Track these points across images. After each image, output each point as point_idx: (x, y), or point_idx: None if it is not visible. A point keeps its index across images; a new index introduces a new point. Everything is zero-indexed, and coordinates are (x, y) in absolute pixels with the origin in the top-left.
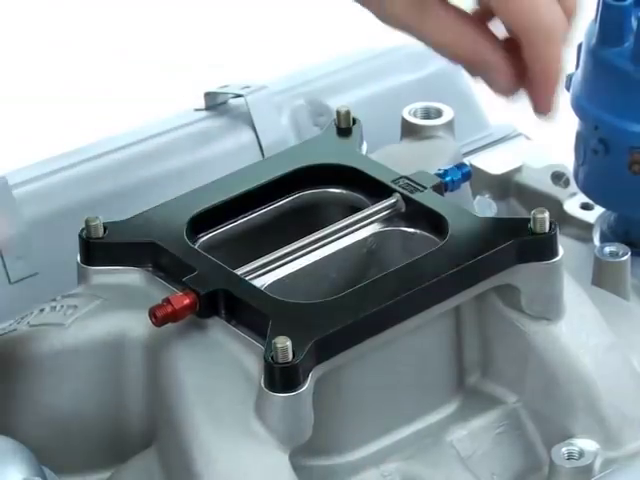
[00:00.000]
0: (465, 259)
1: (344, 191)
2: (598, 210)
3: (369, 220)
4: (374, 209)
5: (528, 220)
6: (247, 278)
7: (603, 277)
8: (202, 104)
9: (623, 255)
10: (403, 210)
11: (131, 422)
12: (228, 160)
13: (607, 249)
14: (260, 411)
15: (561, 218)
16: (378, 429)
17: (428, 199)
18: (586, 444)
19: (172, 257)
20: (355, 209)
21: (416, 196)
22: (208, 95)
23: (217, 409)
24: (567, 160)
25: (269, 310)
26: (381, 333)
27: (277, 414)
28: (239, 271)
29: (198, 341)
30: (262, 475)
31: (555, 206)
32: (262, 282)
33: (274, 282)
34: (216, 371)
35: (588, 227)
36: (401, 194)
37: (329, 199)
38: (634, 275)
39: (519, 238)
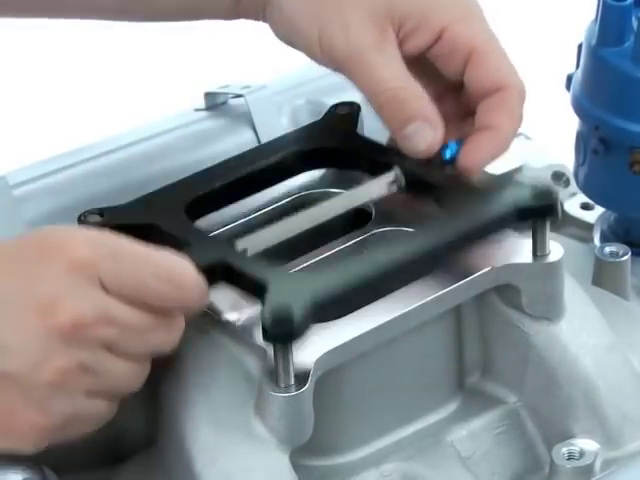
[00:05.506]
0: (465, 219)
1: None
2: (598, 210)
3: (369, 194)
4: (374, 182)
5: (530, 185)
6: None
7: (603, 277)
8: (202, 104)
9: (623, 255)
10: (403, 184)
11: (131, 422)
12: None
13: (607, 249)
14: (260, 411)
15: (561, 218)
16: (378, 429)
17: (428, 172)
18: (586, 444)
19: (170, 236)
20: (356, 209)
21: (416, 170)
22: (208, 95)
23: (217, 409)
24: (567, 160)
25: (267, 277)
26: (381, 299)
27: (277, 414)
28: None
29: (198, 341)
30: (262, 475)
31: None
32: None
33: None
34: (216, 371)
35: (588, 227)
36: (400, 168)
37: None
38: (634, 275)
39: (521, 198)
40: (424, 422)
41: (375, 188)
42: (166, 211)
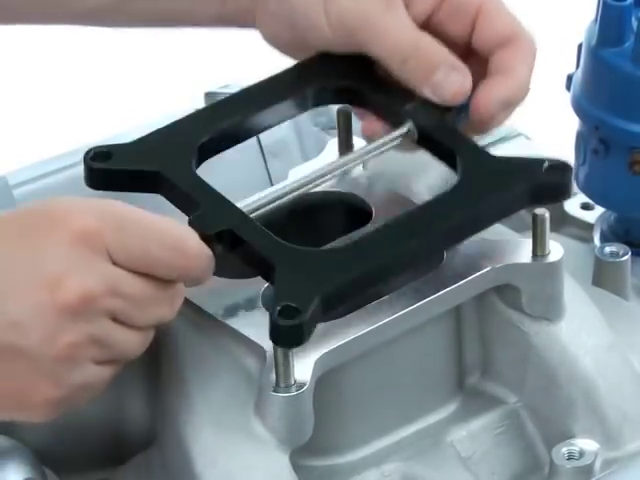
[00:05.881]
0: (475, 204)
1: (346, 191)
2: (598, 210)
3: (383, 148)
4: (387, 138)
5: (542, 161)
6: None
7: (603, 277)
8: (202, 104)
9: (623, 255)
10: (416, 137)
11: (131, 422)
12: (228, 160)
13: (607, 249)
14: (260, 411)
15: (561, 218)
16: (378, 429)
17: (440, 130)
18: (586, 444)
19: (178, 190)
20: (356, 209)
21: (429, 125)
22: (208, 95)
23: (217, 409)
24: (567, 160)
25: (274, 256)
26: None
27: (277, 414)
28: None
29: (198, 341)
30: (262, 475)
31: (555, 206)
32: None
33: None
34: (216, 371)
35: (588, 227)
36: (413, 121)
37: (331, 200)
38: (634, 275)
39: (533, 179)
40: (424, 422)
41: (388, 142)
42: (173, 158)
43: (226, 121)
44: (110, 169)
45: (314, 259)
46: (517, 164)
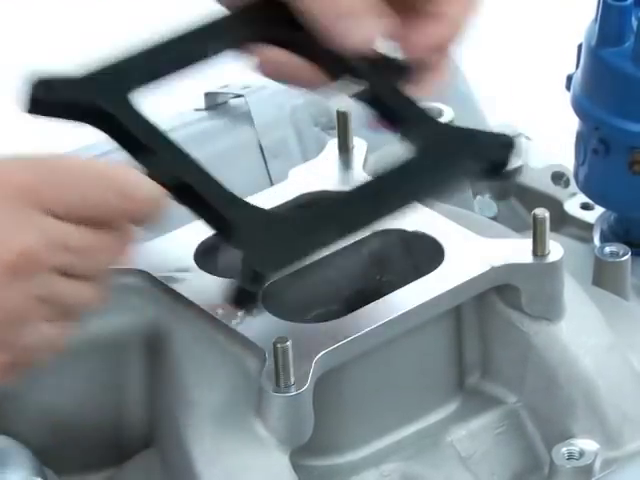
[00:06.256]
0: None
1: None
2: (598, 210)
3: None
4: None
5: (486, 132)
6: None
7: (603, 277)
8: (202, 104)
9: (623, 255)
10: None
11: (131, 422)
12: (228, 160)
13: (607, 249)
14: (260, 411)
15: (561, 218)
16: (378, 429)
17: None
18: (586, 444)
19: (124, 129)
20: None
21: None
22: (208, 95)
23: (217, 410)
24: (567, 160)
25: (235, 216)
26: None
27: (277, 414)
28: None
29: (198, 341)
30: (262, 475)
31: (555, 206)
32: None
33: None
34: (216, 371)
35: (588, 227)
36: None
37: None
38: (634, 275)
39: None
40: (424, 422)
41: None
42: (111, 90)
43: (163, 55)
44: (48, 100)
45: (274, 221)
46: (455, 133)
